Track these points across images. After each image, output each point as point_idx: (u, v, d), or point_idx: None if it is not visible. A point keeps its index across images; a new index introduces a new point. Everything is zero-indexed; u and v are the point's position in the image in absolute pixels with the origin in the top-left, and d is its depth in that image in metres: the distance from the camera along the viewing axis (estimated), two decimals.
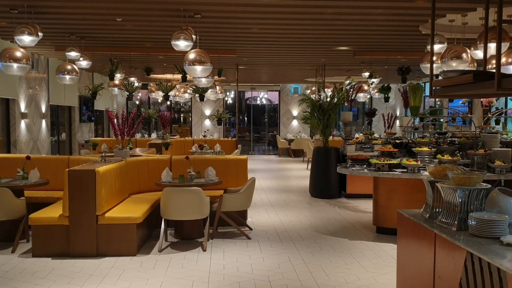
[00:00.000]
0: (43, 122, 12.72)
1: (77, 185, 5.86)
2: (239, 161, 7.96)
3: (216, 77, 12.51)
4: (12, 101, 11.05)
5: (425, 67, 8.24)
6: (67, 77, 9.13)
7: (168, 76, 15.06)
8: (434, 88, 3.56)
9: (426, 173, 6.51)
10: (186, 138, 16.67)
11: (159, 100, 16.33)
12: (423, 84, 15.65)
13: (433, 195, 3.52)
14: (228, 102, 23.72)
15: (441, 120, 11.97)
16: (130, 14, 7.50)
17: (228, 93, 22.77)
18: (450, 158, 6.72)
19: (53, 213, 5.99)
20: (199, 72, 7.29)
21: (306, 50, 11.23)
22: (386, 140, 10.32)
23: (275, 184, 12.38)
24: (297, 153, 20.38)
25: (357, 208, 9.11)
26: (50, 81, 12.93)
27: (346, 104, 14.15)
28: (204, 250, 6.16)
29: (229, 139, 15.33)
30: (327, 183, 10.30)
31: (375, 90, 14.50)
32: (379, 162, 6.69)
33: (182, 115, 25.26)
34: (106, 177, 6.11)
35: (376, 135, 13.03)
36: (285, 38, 9.70)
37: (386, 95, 13.05)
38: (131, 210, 6.19)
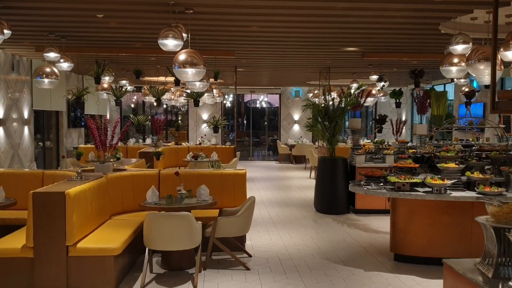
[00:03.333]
0: (26, 129, 11.75)
1: (43, 210, 4.91)
2: (236, 176, 7.02)
3: (212, 80, 11.56)
4: None
5: (446, 70, 7.33)
6: (46, 80, 8.19)
7: (162, 78, 14.10)
8: (498, 100, 2.63)
9: (455, 194, 5.59)
10: (182, 144, 15.70)
11: (154, 104, 15.39)
12: (431, 86, 14.71)
13: (498, 246, 2.59)
14: (226, 105, 22.76)
15: (455, 128, 11.03)
16: (112, 10, 6.56)
17: (226, 96, 21.77)
18: (480, 176, 5.80)
19: (16, 243, 5.04)
20: (190, 76, 6.34)
21: (310, 51, 10.29)
22: (398, 149, 9.38)
23: (276, 196, 11.44)
24: (299, 160, 19.43)
25: (368, 227, 8.16)
26: (34, 85, 11.96)
27: (349, 108, 13.19)
28: (195, 287, 5.21)
29: (227, 146, 14.34)
30: (334, 198, 9.35)
31: (381, 94, 13.57)
32: (400, 181, 5.75)
33: (179, 118, 24.24)
34: (79, 199, 5.17)
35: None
36: (288, 38, 8.76)
37: (398, 100, 12.07)
38: (108, 239, 5.24)
